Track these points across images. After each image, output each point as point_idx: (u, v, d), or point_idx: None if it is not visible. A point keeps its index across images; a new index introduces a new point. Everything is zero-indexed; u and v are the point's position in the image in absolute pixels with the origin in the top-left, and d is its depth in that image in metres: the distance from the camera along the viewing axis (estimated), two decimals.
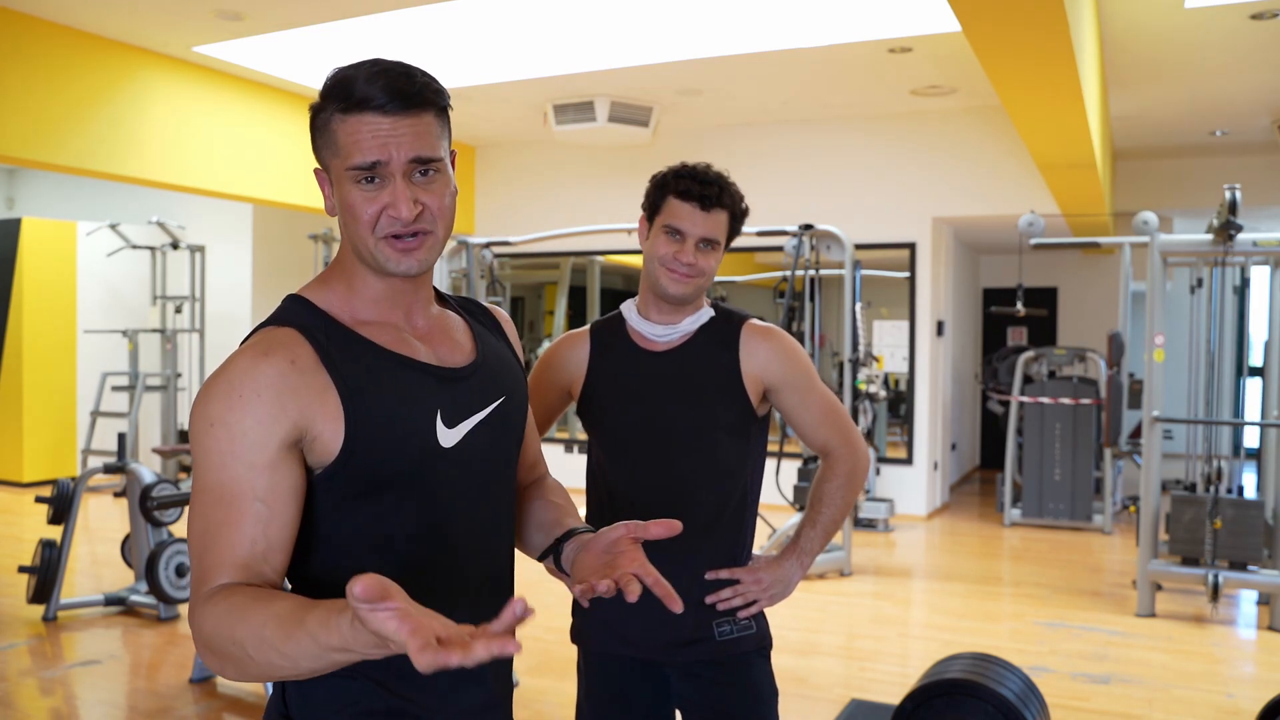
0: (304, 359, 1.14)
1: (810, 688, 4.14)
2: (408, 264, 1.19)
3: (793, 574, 1.87)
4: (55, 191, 10.37)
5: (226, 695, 4.01)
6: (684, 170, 1.80)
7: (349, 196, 1.17)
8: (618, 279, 10.02)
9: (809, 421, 1.90)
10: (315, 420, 1.13)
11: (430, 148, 1.16)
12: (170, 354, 8.88)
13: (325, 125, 1.17)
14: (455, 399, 1.24)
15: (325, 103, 1.17)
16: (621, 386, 1.88)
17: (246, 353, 1.14)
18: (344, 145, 1.15)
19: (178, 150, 6.36)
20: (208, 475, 1.10)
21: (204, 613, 1.05)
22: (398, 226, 1.16)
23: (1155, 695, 4.07)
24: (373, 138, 1.13)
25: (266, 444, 1.10)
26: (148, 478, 4.91)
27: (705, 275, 1.82)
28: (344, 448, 1.14)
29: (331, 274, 1.25)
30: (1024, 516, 7.60)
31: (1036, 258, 9.40)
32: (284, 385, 1.12)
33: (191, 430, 1.14)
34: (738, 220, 1.84)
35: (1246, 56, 5.83)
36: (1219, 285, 5.61)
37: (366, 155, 1.13)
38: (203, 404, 1.12)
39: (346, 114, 1.14)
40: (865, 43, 5.84)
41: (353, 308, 1.22)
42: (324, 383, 1.14)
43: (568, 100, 7.02)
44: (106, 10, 5.42)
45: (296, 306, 1.21)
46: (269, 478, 1.10)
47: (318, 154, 1.20)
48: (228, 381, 1.11)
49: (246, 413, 1.10)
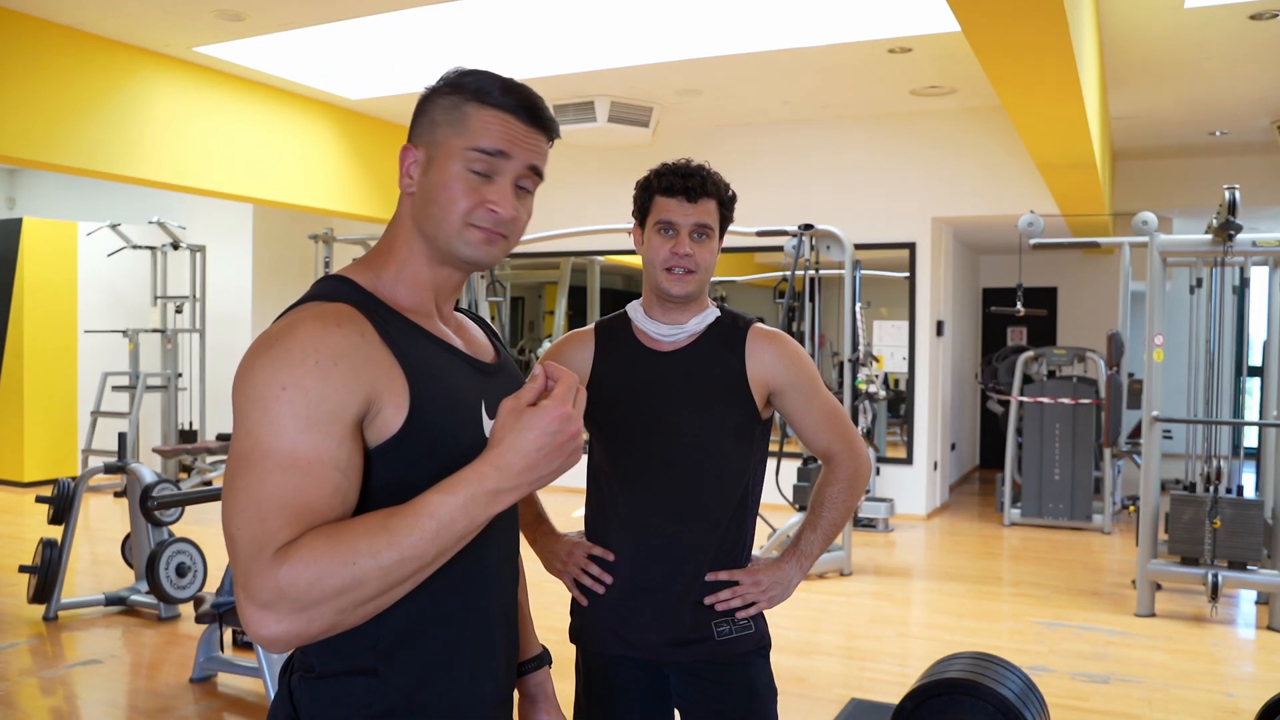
0: (369, 334, 1.13)
1: (810, 687, 4.14)
2: (487, 252, 1.21)
3: (792, 577, 1.88)
4: (56, 192, 10.38)
5: (227, 695, 4.01)
6: (665, 169, 1.84)
7: (453, 178, 1.19)
8: (618, 279, 10.02)
9: (812, 426, 1.91)
10: (383, 395, 1.11)
11: (543, 163, 1.24)
12: (171, 354, 8.89)
13: (455, 108, 1.20)
14: (492, 392, 1.25)
15: (457, 90, 1.21)
16: (626, 386, 1.88)
17: (311, 321, 1.10)
18: (475, 128, 1.19)
19: (178, 150, 6.37)
20: (276, 439, 1.03)
21: (295, 554, 0.99)
22: (493, 221, 1.20)
23: (1155, 695, 4.07)
24: (505, 133, 1.20)
25: (343, 414, 1.07)
26: (148, 477, 4.92)
27: (704, 268, 1.83)
28: (405, 426, 1.12)
29: (377, 258, 1.24)
30: (1024, 516, 7.60)
31: (1036, 258, 9.41)
32: (359, 356, 1.09)
33: (250, 393, 1.06)
34: (727, 207, 1.86)
35: (1246, 57, 5.83)
36: (1218, 285, 5.61)
37: (497, 143, 1.19)
38: (269, 366, 1.06)
39: (485, 105, 1.20)
40: (865, 43, 5.85)
41: (395, 293, 1.22)
42: (389, 360, 1.13)
43: (568, 100, 7.02)
44: (107, 10, 5.42)
45: (341, 286, 1.19)
46: (347, 449, 1.06)
47: (427, 130, 1.22)
48: (300, 347, 1.06)
49: (325, 379, 1.06)
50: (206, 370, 9.03)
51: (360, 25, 5.72)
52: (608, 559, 1.86)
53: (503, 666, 1.30)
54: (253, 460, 1.03)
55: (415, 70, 6.69)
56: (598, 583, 1.86)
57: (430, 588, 1.13)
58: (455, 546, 1.05)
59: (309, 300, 1.17)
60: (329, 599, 0.99)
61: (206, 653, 4.10)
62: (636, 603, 1.84)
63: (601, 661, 1.90)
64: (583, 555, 1.88)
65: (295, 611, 0.99)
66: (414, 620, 1.17)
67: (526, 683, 1.50)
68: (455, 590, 1.21)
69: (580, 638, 1.93)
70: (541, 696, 1.49)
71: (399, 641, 1.17)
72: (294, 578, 0.98)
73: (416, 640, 1.18)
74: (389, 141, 7.98)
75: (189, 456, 8.38)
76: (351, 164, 7.71)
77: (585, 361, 1.92)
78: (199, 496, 4.65)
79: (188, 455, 8.24)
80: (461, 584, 1.21)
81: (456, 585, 1.20)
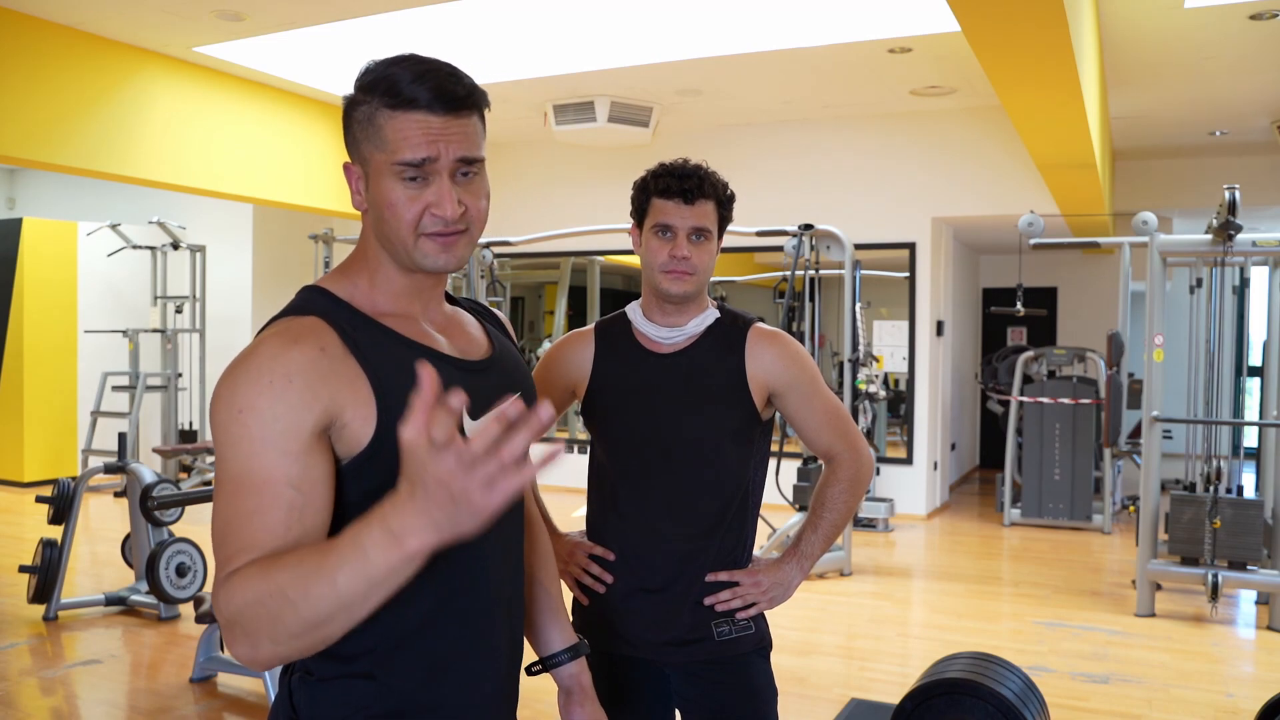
0: (333, 347, 1.13)
1: (810, 687, 4.14)
2: (446, 259, 1.19)
3: (792, 577, 1.87)
4: (56, 192, 10.38)
5: (226, 695, 4.01)
6: (661, 169, 1.82)
7: (390, 193, 1.15)
8: (618, 279, 10.02)
9: (813, 426, 1.90)
10: (346, 408, 1.11)
11: (475, 148, 1.17)
12: (171, 354, 8.89)
13: (369, 119, 1.16)
14: (477, 391, 1.22)
15: (367, 96, 1.16)
16: (626, 388, 1.88)
17: (272, 340, 1.11)
18: (392, 140, 1.14)
19: (178, 150, 6.36)
20: (236, 463, 1.06)
21: (233, 583, 1.00)
22: (440, 225, 1.16)
23: (1155, 695, 4.07)
24: (423, 135, 1.13)
25: (299, 431, 1.07)
26: (148, 477, 4.92)
27: (703, 270, 1.82)
28: (375, 437, 1.12)
29: (351, 266, 1.24)
30: (1024, 516, 7.60)
31: (1036, 258, 9.41)
32: (315, 372, 1.09)
33: (215, 419, 1.09)
34: (725, 207, 1.84)
35: (1246, 56, 5.83)
36: (1218, 285, 5.61)
37: (417, 152, 1.13)
38: (229, 391, 1.08)
39: (395, 110, 1.14)
40: (865, 43, 5.85)
41: (374, 300, 1.22)
42: (354, 371, 1.13)
43: (568, 100, 7.02)
44: (107, 10, 5.42)
45: (316, 296, 1.20)
46: (302, 464, 1.06)
47: (353, 147, 1.19)
48: (256, 368, 1.08)
49: (278, 399, 1.06)
50: (206, 370, 9.02)
51: (360, 25, 5.72)
52: (608, 559, 1.86)
53: (505, 666, 1.29)
54: (220, 485, 1.07)
55: None
56: (598, 582, 1.86)
57: (428, 590, 1.13)
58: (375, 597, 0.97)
59: (283, 315, 1.17)
60: (259, 620, 0.98)
61: (206, 653, 4.10)
62: (637, 603, 1.84)
63: (602, 661, 1.90)
64: (584, 555, 1.88)
65: (242, 636, 1.00)
66: (412, 622, 1.17)
67: (561, 674, 1.50)
68: (453, 592, 1.20)
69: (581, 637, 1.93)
70: (577, 688, 1.49)
71: (397, 644, 1.17)
72: (230, 597, 1.00)
73: (415, 642, 1.18)
74: None
75: (189, 456, 8.38)
76: None
77: (586, 362, 1.92)
78: (199, 496, 4.65)
79: (188, 455, 8.25)
80: (459, 585, 1.21)
81: (454, 587, 1.20)
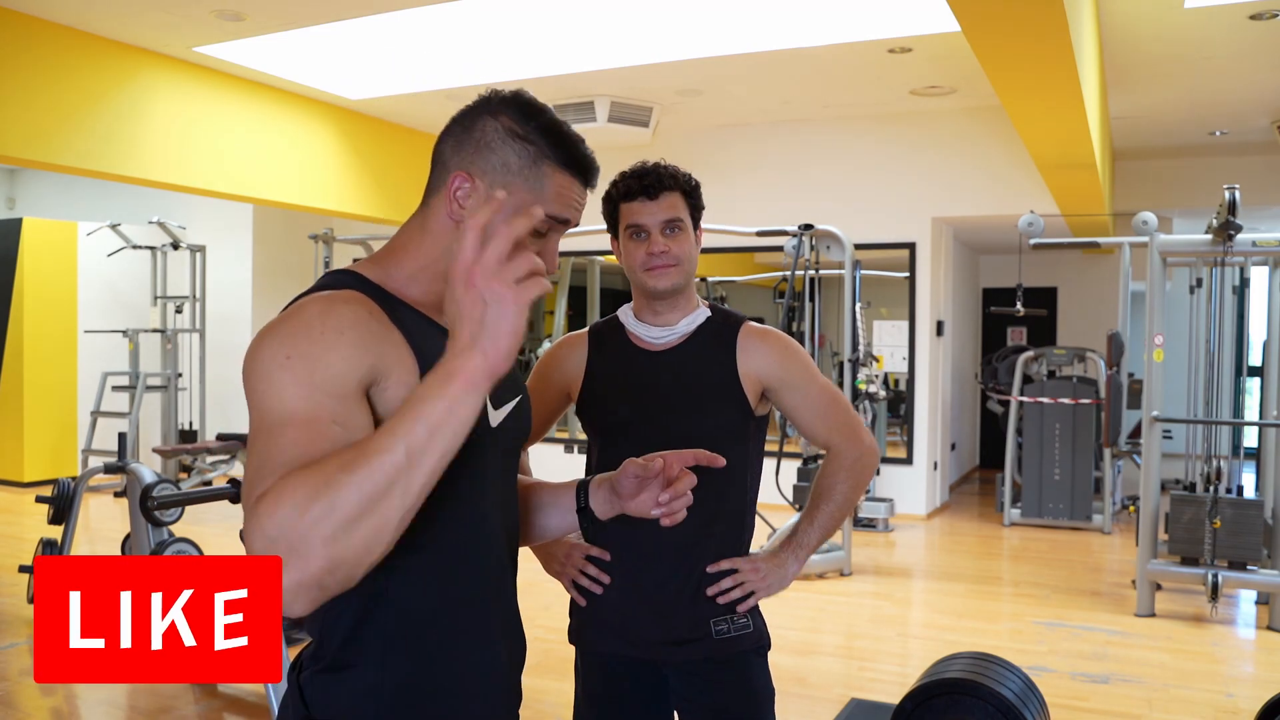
0: (379, 313, 1.15)
1: (810, 687, 4.14)
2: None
3: (789, 567, 1.88)
4: (56, 192, 10.38)
5: (226, 695, 4.01)
6: (619, 176, 1.87)
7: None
8: (617, 279, 10.01)
9: (809, 417, 1.90)
10: (392, 368, 1.13)
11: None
12: (171, 354, 8.89)
13: (533, 163, 1.20)
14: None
15: (526, 131, 1.20)
16: (619, 386, 1.90)
17: (318, 301, 1.12)
18: (552, 194, 1.22)
19: (178, 150, 6.36)
20: (281, 405, 1.04)
21: (269, 497, 0.95)
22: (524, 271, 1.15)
23: (1155, 695, 4.07)
24: (576, 200, 1.25)
25: (347, 379, 1.08)
26: (148, 477, 4.91)
27: (685, 260, 1.84)
28: None
29: (390, 256, 1.26)
30: (1024, 516, 7.60)
31: (1036, 258, 9.39)
32: (365, 328, 1.12)
33: (256, 368, 1.07)
34: (692, 196, 1.87)
35: (1246, 56, 5.83)
36: (1218, 285, 5.61)
37: (567, 212, 1.24)
38: (273, 342, 1.07)
39: (560, 169, 1.22)
40: (865, 43, 5.84)
41: (408, 288, 1.23)
42: (398, 338, 1.15)
43: (568, 100, 7.02)
44: (107, 10, 5.42)
45: (348, 277, 1.22)
46: (349, 408, 1.07)
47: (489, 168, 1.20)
48: (305, 322, 1.09)
49: (330, 348, 1.07)
50: (206, 370, 9.03)
51: (360, 25, 5.71)
52: (605, 559, 1.86)
53: (506, 653, 1.32)
54: (259, 430, 1.04)
55: (415, 70, 6.68)
56: (596, 583, 1.86)
57: (430, 578, 1.18)
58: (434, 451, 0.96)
59: (315, 290, 1.19)
60: (313, 530, 0.93)
61: None
62: (634, 602, 1.84)
63: (600, 661, 1.90)
64: (580, 556, 1.88)
65: (288, 552, 0.93)
66: (415, 611, 1.20)
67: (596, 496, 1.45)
68: (454, 580, 1.23)
69: (579, 638, 1.93)
70: (608, 481, 1.45)
71: (401, 632, 1.20)
72: (271, 518, 0.94)
73: (419, 630, 1.21)
74: (389, 142, 7.98)
75: (189, 456, 8.38)
76: (351, 164, 7.71)
77: (579, 364, 1.95)
78: (199, 496, 4.65)
79: (188, 455, 8.23)
80: (461, 574, 1.24)
81: (456, 575, 1.24)
